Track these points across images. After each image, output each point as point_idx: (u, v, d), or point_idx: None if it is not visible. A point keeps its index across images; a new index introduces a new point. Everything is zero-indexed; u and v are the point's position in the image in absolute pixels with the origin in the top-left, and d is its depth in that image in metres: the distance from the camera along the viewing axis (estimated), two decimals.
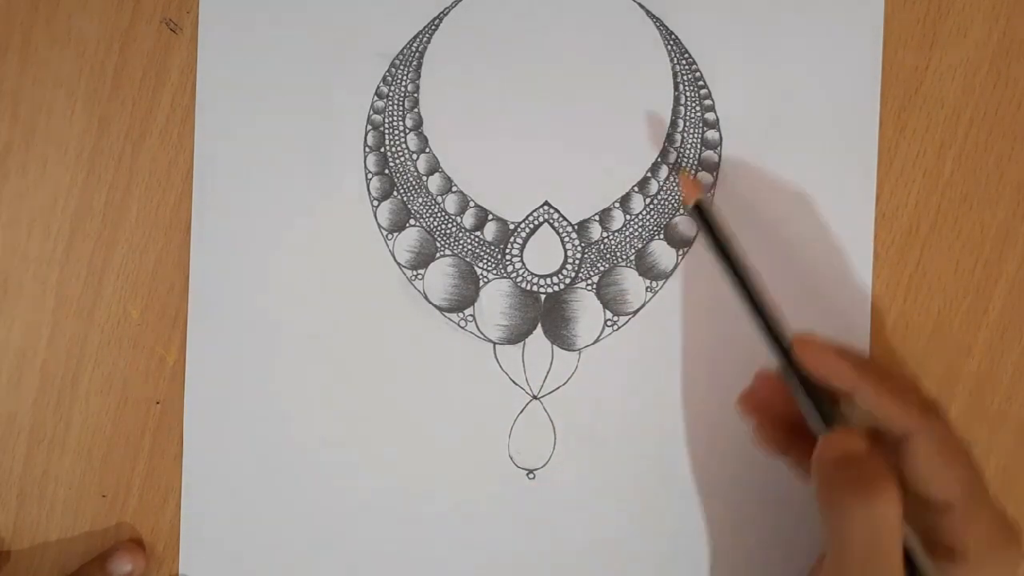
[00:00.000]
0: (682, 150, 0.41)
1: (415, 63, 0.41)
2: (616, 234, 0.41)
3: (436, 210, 0.41)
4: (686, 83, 0.41)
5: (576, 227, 0.41)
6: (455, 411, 0.41)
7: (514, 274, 0.41)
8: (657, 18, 0.41)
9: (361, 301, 0.41)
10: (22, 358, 0.42)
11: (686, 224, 0.41)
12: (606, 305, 0.41)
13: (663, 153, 0.41)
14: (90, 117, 0.42)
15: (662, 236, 0.41)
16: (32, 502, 0.42)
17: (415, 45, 0.41)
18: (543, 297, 0.41)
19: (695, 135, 0.41)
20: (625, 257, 0.41)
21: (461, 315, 0.41)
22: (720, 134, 0.41)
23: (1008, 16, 0.41)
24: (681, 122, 0.41)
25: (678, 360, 0.41)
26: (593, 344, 0.41)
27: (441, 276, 0.41)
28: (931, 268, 0.41)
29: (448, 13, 0.41)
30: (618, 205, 0.41)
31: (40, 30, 0.42)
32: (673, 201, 0.41)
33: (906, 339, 0.41)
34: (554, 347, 0.41)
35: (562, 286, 0.41)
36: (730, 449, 0.41)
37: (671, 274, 0.41)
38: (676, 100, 0.41)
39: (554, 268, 0.41)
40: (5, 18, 0.42)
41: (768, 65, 0.41)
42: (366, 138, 0.41)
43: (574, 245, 0.41)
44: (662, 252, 0.41)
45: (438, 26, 0.41)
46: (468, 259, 0.41)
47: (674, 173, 0.41)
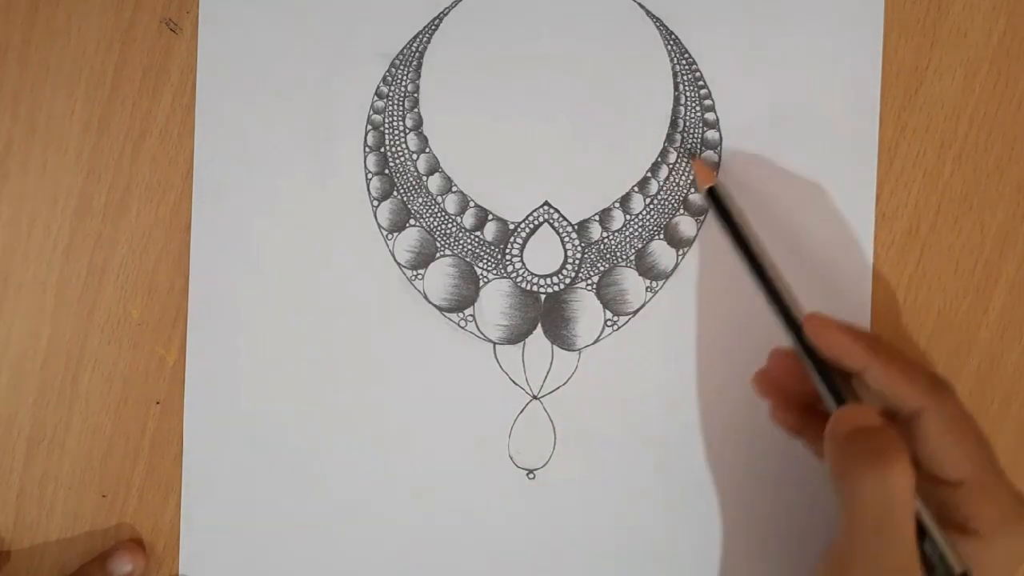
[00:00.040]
0: (682, 150, 0.41)
1: (415, 63, 0.41)
2: (616, 234, 0.41)
3: (436, 210, 0.41)
4: (686, 83, 0.41)
5: (576, 227, 0.41)
6: (455, 411, 0.41)
7: (514, 274, 0.41)
8: (657, 18, 0.41)
9: (361, 301, 0.41)
10: (22, 358, 0.42)
11: (686, 224, 0.41)
12: (606, 305, 0.41)
13: (663, 153, 0.41)
14: (90, 117, 0.42)
15: (662, 236, 0.41)
16: (32, 502, 0.42)
17: (415, 45, 0.41)
18: (543, 297, 0.41)
19: (695, 135, 0.41)
20: (625, 257, 0.41)
21: (461, 315, 0.41)
22: (720, 134, 0.41)
23: (1008, 16, 0.41)
24: (681, 122, 0.41)
25: (678, 360, 0.41)
26: (593, 344, 0.41)
27: (441, 276, 0.41)
28: (931, 268, 0.41)
29: (448, 13, 0.41)
30: (618, 205, 0.41)
31: (40, 30, 0.42)
32: (673, 201, 0.41)
33: (906, 339, 0.41)
34: (554, 347, 0.41)
35: (562, 286, 0.41)
36: (730, 448, 0.41)
37: (671, 274, 0.41)
38: (676, 100, 0.41)
39: (554, 268, 0.41)
40: (5, 18, 0.42)
41: (768, 65, 0.41)
42: (366, 138, 0.41)
43: (574, 245, 0.41)
44: (662, 252, 0.41)
45: (438, 26, 0.41)
46: (468, 259, 0.41)
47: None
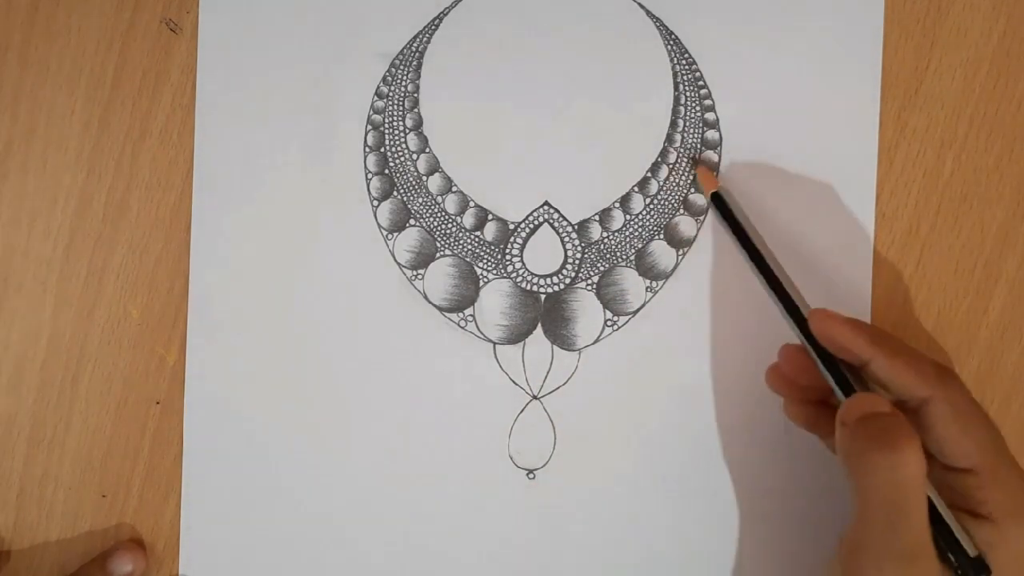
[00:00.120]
0: (682, 150, 0.41)
1: (415, 63, 0.41)
2: (616, 234, 0.41)
3: (436, 210, 0.41)
4: (686, 83, 0.41)
5: (576, 227, 0.41)
6: (455, 411, 0.41)
7: (514, 274, 0.41)
8: (657, 18, 0.41)
9: (361, 301, 0.41)
10: (22, 358, 0.42)
11: (686, 224, 0.41)
12: (606, 305, 0.41)
13: (663, 153, 0.41)
14: (90, 117, 0.42)
15: (662, 236, 0.41)
16: (32, 502, 0.42)
17: (415, 45, 0.41)
18: (543, 297, 0.41)
19: (695, 135, 0.41)
20: (625, 257, 0.41)
21: (461, 315, 0.41)
22: (720, 134, 0.41)
23: (1008, 16, 0.41)
24: (681, 122, 0.41)
25: (678, 360, 0.41)
26: (593, 344, 0.41)
27: (441, 276, 0.41)
28: (931, 268, 0.41)
29: (448, 13, 0.41)
30: (618, 205, 0.41)
31: (40, 30, 0.42)
32: (673, 201, 0.41)
33: (906, 339, 0.41)
34: (554, 347, 0.41)
35: (562, 286, 0.41)
36: (731, 447, 0.41)
37: (671, 274, 0.41)
38: (676, 100, 0.41)
39: (554, 268, 0.41)
40: (5, 18, 0.42)
41: (768, 65, 0.41)
42: (366, 138, 0.41)
43: (574, 245, 0.41)
44: (662, 252, 0.41)
45: (438, 26, 0.41)
46: (468, 259, 0.41)
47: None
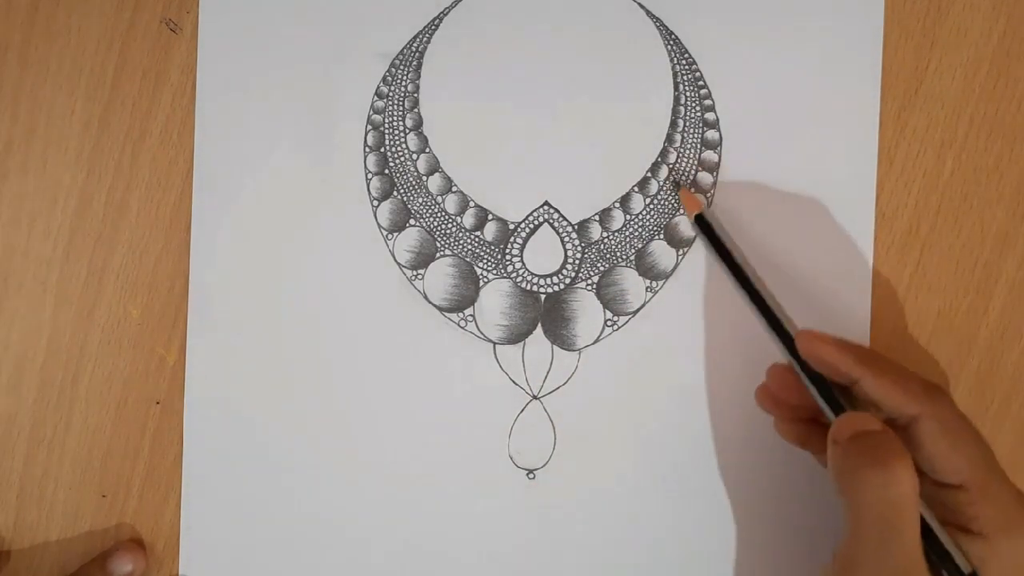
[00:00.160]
0: (682, 150, 0.41)
1: (415, 63, 0.41)
2: (616, 234, 0.41)
3: (436, 210, 0.41)
4: (686, 83, 0.41)
5: (576, 227, 0.41)
6: (455, 411, 0.41)
7: (514, 274, 0.41)
8: (657, 18, 0.41)
9: (361, 301, 0.41)
10: (22, 358, 0.42)
11: (686, 224, 0.41)
12: (606, 305, 0.41)
13: (663, 153, 0.41)
14: (90, 117, 0.42)
15: (662, 236, 0.41)
16: (32, 502, 0.42)
17: (415, 45, 0.41)
18: (543, 297, 0.41)
19: (695, 135, 0.41)
20: (625, 257, 0.41)
21: (461, 315, 0.41)
22: (720, 134, 0.41)
23: (1008, 16, 0.41)
24: (681, 122, 0.41)
25: (678, 360, 0.41)
26: (593, 344, 0.41)
27: (441, 276, 0.41)
28: (931, 268, 0.41)
29: (448, 13, 0.41)
30: (618, 205, 0.41)
31: (40, 30, 0.42)
32: (673, 201, 0.41)
33: (906, 339, 0.41)
34: (554, 347, 0.41)
35: (562, 286, 0.41)
36: (731, 446, 0.41)
37: (671, 274, 0.41)
38: (676, 100, 0.41)
39: (554, 268, 0.41)
40: (5, 18, 0.42)
41: (768, 65, 0.41)
42: (366, 138, 0.41)
43: (574, 245, 0.41)
44: (662, 252, 0.41)
45: (438, 26, 0.41)
46: (468, 259, 0.41)
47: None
